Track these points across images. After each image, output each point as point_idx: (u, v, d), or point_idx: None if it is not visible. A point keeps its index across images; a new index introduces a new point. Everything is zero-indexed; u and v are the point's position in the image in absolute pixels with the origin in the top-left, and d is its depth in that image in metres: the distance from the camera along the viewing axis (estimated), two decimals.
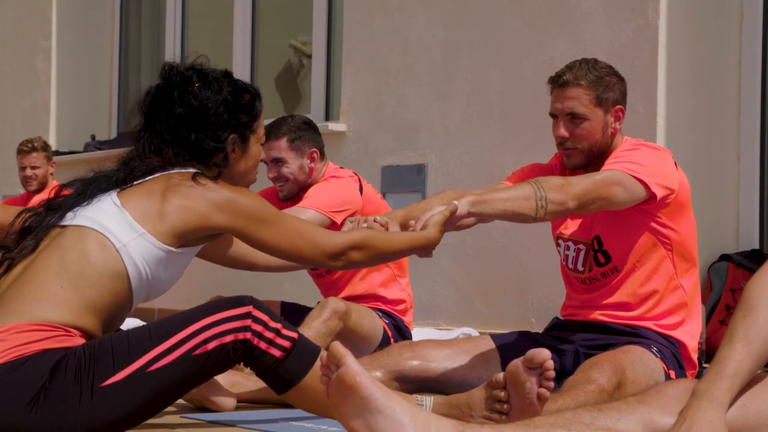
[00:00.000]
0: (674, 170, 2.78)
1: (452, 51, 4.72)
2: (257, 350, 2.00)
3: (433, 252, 2.50)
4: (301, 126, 3.75)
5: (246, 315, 2.00)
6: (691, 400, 1.76)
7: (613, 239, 2.82)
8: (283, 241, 2.19)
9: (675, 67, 3.98)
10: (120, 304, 2.08)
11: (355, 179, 3.69)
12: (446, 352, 2.86)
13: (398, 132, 4.95)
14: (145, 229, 2.07)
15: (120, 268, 2.06)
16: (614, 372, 2.54)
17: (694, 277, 2.87)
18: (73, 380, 1.93)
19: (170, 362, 1.96)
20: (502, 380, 2.12)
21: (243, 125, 2.25)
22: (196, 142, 2.19)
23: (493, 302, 4.48)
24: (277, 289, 5.38)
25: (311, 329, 3.27)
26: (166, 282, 2.16)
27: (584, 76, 2.80)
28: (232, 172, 2.26)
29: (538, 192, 2.51)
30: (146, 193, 2.12)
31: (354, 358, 1.77)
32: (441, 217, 2.44)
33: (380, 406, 1.72)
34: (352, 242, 2.27)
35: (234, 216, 2.14)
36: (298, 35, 6.15)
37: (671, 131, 3.96)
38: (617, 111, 2.83)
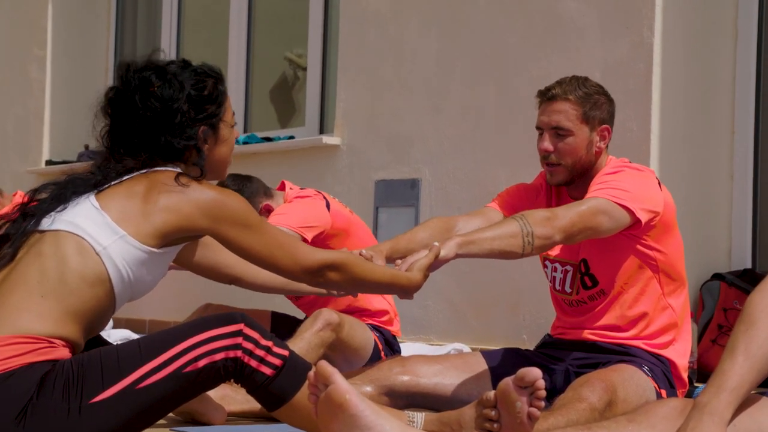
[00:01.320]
0: (658, 191, 2.78)
1: (447, 65, 4.73)
2: (248, 368, 1.99)
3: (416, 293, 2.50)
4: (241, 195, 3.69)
5: (237, 333, 1.99)
6: (692, 413, 1.76)
7: (599, 263, 2.82)
8: (263, 249, 2.15)
9: (669, 85, 3.98)
10: (102, 308, 2.05)
11: (320, 197, 3.67)
12: (436, 368, 2.86)
13: (392, 146, 4.95)
14: (126, 230, 2.03)
15: (101, 271, 2.02)
16: (605, 390, 2.53)
17: (683, 295, 2.87)
18: (61, 396, 1.91)
19: (160, 379, 1.94)
20: (493, 399, 2.12)
21: (211, 116, 2.20)
22: (165, 144, 2.15)
23: (485, 318, 4.47)
24: (267, 300, 5.36)
25: (303, 340, 3.26)
26: (149, 283, 2.14)
27: (573, 92, 2.81)
28: (208, 162, 2.21)
29: (524, 228, 2.52)
30: (127, 194, 2.08)
31: (342, 376, 1.76)
32: (426, 261, 2.45)
33: (369, 424, 1.72)
34: (331, 261, 2.24)
35: (218, 219, 2.10)
36: (293, 48, 6.16)
37: (665, 149, 3.97)
38: (603, 130, 2.84)
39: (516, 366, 2.80)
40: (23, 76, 7.05)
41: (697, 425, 1.73)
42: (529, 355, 2.94)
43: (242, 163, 5.68)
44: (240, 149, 5.63)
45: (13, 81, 7.15)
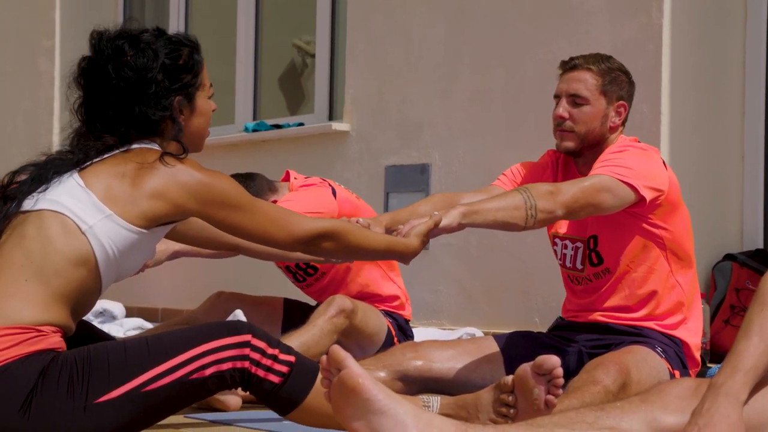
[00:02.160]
0: (663, 170, 2.77)
1: (455, 50, 4.72)
2: (255, 377, 1.98)
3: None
4: None
5: (245, 344, 1.98)
6: (707, 393, 1.76)
7: (606, 241, 2.81)
8: (256, 226, 2.14)
9: (679, 67, 3.97)
10: (88, 289, 2.02)
11: (326, 184, 3.67)
12: (449, 353, 2.86)
13: (401, 131, 4.94)
14: (112, 210, 1.99)
15: (87, 251, 1.98)
16: (619, 373, 2.53)
17: (691, 274, 2.86)
18: (66, 392, 1.90)
19: (167, 384, 1.94)
20: (511, 384, 2.13)
21: (186, 85, 2.15)
22: (140, 114, 2.09)
23: (497, 302, 4.48)
24: (280, 286, 5.38)
25: (316, 326, 3.27)
26: (137, 261, 2.10)
27: (595, 63, 2.83)
28: (186, 134, 2.17)
29: (528, 201, 2.52)
30: (113, 173, 2.03)
31: (354, 360, 1.77)
32: (424, 228, 2.43)
33: (383, 408, 1.72)
34: (325, 230, 2.22)
35: (207, 202, 2.07)
36: (301, 35, 6.15)
37: (675, 131, 3.95)
38: (620, 106, 2.84)
39: (529, 349, 2.82)
40: (32, 68, 7.06)
41: (712, 405, 1.73)
42: (542, 337, 2.94)
43: (252, 151, 5.69)
44: (250, 137, 5.64)
45: (22, 74, 7.16)
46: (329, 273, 3.63)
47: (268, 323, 3.73)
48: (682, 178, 3.96)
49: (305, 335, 3.24)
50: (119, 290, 6.37)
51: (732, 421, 1.72)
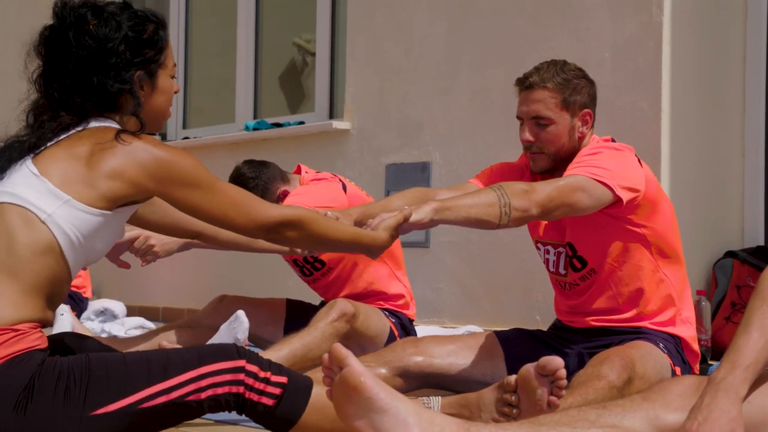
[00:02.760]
0: (638, 169, 2.72)
1: (456, 48, 4.72)
2: (249, 402, 1.97)
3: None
4: (255, 183, 3.67)
5: (239, 369, 1.96)
6: (707, 389, 1.76)
7: (586, 244, 2.78)
8: (216, 208, 2.06)
9: (679, 64, 3.97)
10: (58, 277, 1.98)
11: (336, 180, 3.68)
12: (450, 348, 2.85)
13: (402, 130, 4.95)
14: (70, 195, 1.94)
15: (50, 240, 1.93)
16: (624, 368, 2.52)
17: (680, 267, 2.83)
18: (62, 400, 1.88)
19: (163, 403, 1.92)
20: (514, 384, 2.12)
21: (149, 61, 2.08)
22: (99, 85, 2.02)
23: (498, 300, 4.48)
24: (281, 287, 5.38)
25: (317, 329, 3.27)
26: (106, 243, 2.05)
27: (551, 79, 2.75)
28: (145, 111, 2.09)
29: (502, 198, 2.47)
30: (68, 156, 1.97)
31: (356, 359, 1.77)
32: (393, 221, 2.37)
33: (385, 406, 1.72)
34: (288, 218, 2.14)
35: (165, 180, 2.00)
36: (301, 33, 6.15)
37: (675, 128, 3.96)
38: (585, 115, 2.79)
39: (530, 347, 2.82)
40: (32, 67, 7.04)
41: (712, 401, 1.73)
42: (543, 336, 2.94)
43: (253, 149, 5.68)
44: (250, 135, 5.64)
45: (22, 72, 7.14)
46: (336, 268, 3.64)
47: (271, 324, 3.74)
48: (682, 175, 3.98)
49: (307, 338, 3.24)
50: (120, 289, 6.38)
51: (732, 417, 1.72)
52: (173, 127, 6.63)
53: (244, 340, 3.14)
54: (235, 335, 3.15)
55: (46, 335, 1.98)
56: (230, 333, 3.16)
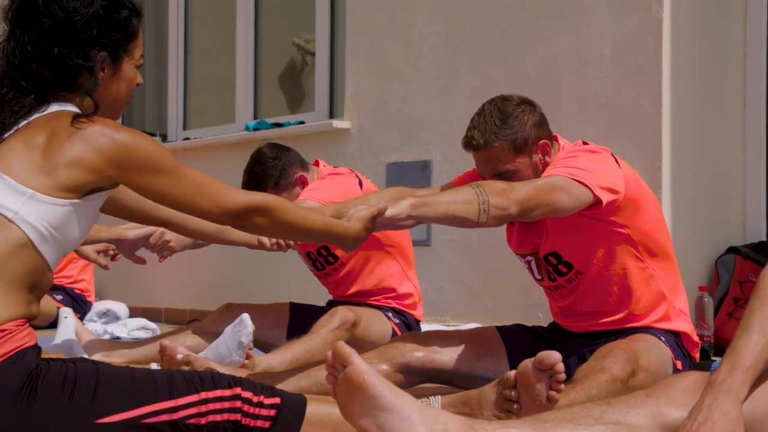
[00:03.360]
0: (617, 170, 2.68)
1: (455, 47, 4.72)
2: (246, 427, 1.96)
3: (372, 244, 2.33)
4: (274, 164, 3.68)
5: (236, 397, 1.96)
6: (707, 390, 1.75)
7: (571, 250, 2.76)
8: (181, 194, 2.00)
9: (680, 60, 3.97)
10: (37, 270, 1.94)
11: (353, 175, 3.69)
12: (452, 344, 2.84)
13: (402, 129, 4.94)
14: (33, 188, 1.89)
15: (20, 237, 1.89)
16: (628, 361, 2.52)
17: (667, 263, 2.80)
18: (68, 404, 1.87)
19: (165, 421, 1.91)
20: (513, 380, 2.12)
21: (115, 44, 2.04)
22: (59, 57, 1.98)
23: (500, 297, 4.48)
24: (284, 288, 5.38)
25: (320, 336, 3.28)
26: (82, 230, 2.00)
27: (493, 133, 2.68)
28: (103, 94, 2.04)
29: (480, 196, 2.44)
30: (25, 147, 1.92)
31: (360, 357, 1.77)
32: (367, 213, 2.32)
33: (389, 404, 1.72)
34: (256, 204, 2.08)
35: (126, 166, 1.94)
36: (301, 33, 6.15)
37: (676, 124, 3.95)
38: (541, 146, 2.73)
39: (532, 343, 2.81)
40: None
41: (712, 402, 1.73)
42: (544, 333, 2.93)
43: (254, 149, 5.68)
44: (251, 135, 5.63)
45: None
46: (348, 263, 3.64)
47: (276, 328, 3.74)
48: (683, 171, 3.98)
49: (309, 343, 3.26)
50: (123, 291, 6.38)
51: (732, 419, 1.71)
52: (173, 128, 6.63)
53: (248, 343, 3.14)
54: (239, 338, 3.14)
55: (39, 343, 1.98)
56: (234, 336, 3.16)
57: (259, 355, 3.18)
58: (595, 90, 4.15)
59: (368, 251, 3.61)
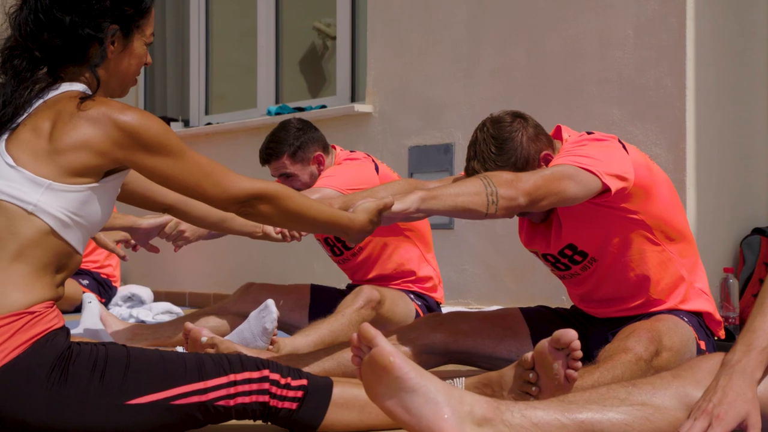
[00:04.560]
0: (625, 157, 2.65)
1: (476, 28, 4.70)
2: (273, 408, 1.99)
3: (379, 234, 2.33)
4: (297, 134, 3.69)
5: (264, 379, 1.99)
6: (722, 370, 1.75)
7: (585, 240, 2.73)
8: (188, 177, 2.00)
9: (703, 40, 3.94)
10: (63, 254, 1.96)
11: (370, 160, 3.68)
12: (474, 325, 2.83)
13: (424, 112, 4.93)
14: (49, 178, 1.90)
15: (42, 226, 1.91)
16: (651, 340, 2.50)
17: (685, 244, 2.77)
18: (98, 386, 1.90)
19: (194, 403, 1.94)
20: (531, 361, 2.12)
21: (127, 18, 2.03)
22: (71, 26, 1.98)
23: (523, 280, 4.47)
24: (307, 272, 5.39)
25: (344, 316, 3.29)
26: (104, 212, 2.01)
27: (492, 162, 2.64)
28: (111, 70, 2.05)
29: (488, 187, 2.42)
30: (32, 133, 1.93)
31: (385, 338, 1.77)
32: (373, 205, 2.33)
33: (415, 386, 1.72)
34: (262, 192, 2.07)
35: (132, 148, 1.94)
36: (321, 17, 6.14)
37: (700, 104, 3.93)
38: (544, 158, 2.69)
39: (555, 325, 2.80)
40: None
41: (727, 383, 1.72)
42: (567, 315, 2.93)
43: None
44: (272, 120, 5.64)
45: None
46: (366, 249, 3.65)
47: (297, 309, 3.75)
48: (708, 152, 3.95)
49: (334, 324, 3.26)
50: (147, 275, 6.41)
51: (747, 399, 1.71)
52: (195, 113, 6.65)
53: (273, 329, 3.15)
54: (264, 324, 3.16)
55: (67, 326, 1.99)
56: (259, 322, 3.17)
57: (284, 338, 3.20)
58: (618, 71, 4.12)
59: (386, 237, 3.62)
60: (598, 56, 4.20)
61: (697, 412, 1.72)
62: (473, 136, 2.70)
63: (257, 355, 2.63)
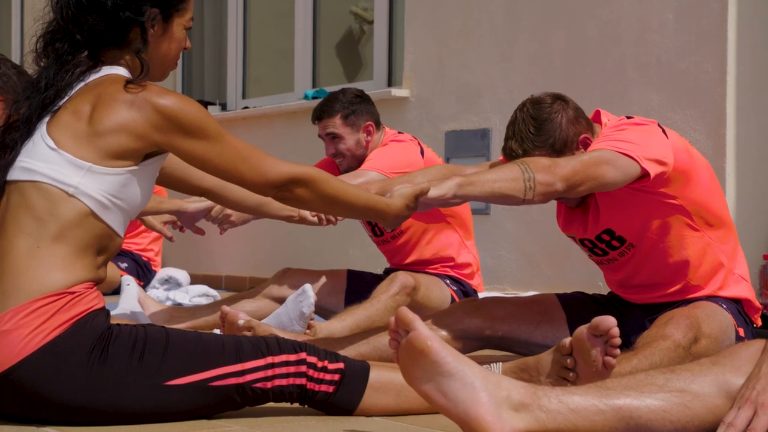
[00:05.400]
0: (665, 141, 2.62)
1: (514, 12, 4.67)
2: (310, 392, 2.00)
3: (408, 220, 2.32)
4: (354, 100, 3.74)
5: (301, 361, 2.00)
6: (764, 356, 1.74)
7: (624, 225, 2.71)
8: (225, 161, 2.01)
9: (745, 24, 3.89)
10: (104, 236, 1.98)
11: (416, 143, 3.69)
12: (510, 310, 2.83)
13: (461, 96, 4.92)
14: (89, 161, 1.93)
15: (82, 209, 1.93)
16: (690, 327, 2.49)
17: (725, 230, 2.74)
18: (138, 366, 1.91)
19: (232, 385, 1.95)
20: (569, 347, 2.11)
21: (168, 3, 2.05)
22: (112, 8, 1.99)
23: (559, 265, 4.45)
24: (343, 256, 5.41)
25: (380, 302, 3.30)
26: (143, 196, 2.03)
27: (531, 142, 2.62)
28: (151, 54, 2.06)
29: (525, 173, 2.41)
30: (73, 116, 1.95)
31: (422, 322, 1.77)
32: (410, 190, 2.32)
33: (452, 370, 1.72)
34: (300, 176, 2.07)
35: (171, 131, 1.96)
36: (358, 2, 6.13)
37: (741, 90, 3.88)
38: (582, 141, 2.66)
39: (592, 311, 2.79)
40: None
41: None
42: (604, 301, 2.91)
43: None
44: (309, 104, 5.64)
45: None
46: (407, 232, 3.65)
47: (333, 294, 3.77)
48: (748, 138, 3.91)
49: (370, 309, 3.28)
50: (184, 258, 6.46)
51: None
52: (233, 97, 6.67)
53: (310, 314, 3.17)
54: (301, 309, 3.17)
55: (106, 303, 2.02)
56: (296, 306, 3.19)
57: (320, 323, 3.21)
58: (658, 56, 4.09)
59: (427, 222, 3.62)
60: (637, 41, 4.16)
61: (740, 400, 1.70)
62: (512, 116, 2.69)
63: (294, 338, 2.65)
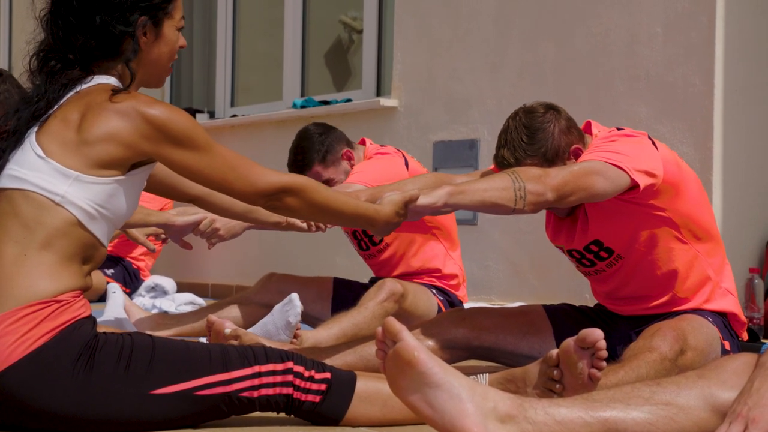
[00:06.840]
0: (654, 154, 2.63)
1: (504, 23, 4.68)
2: (297, 401, 2.00)
3: (400, 227, 2.31)
4: (319, 139, 3.69)
5: (288, 371, 1.99)
6: (756, 371, 1.74)
7: (612, 236, 2.72)
8: (214, 171, 2.01)
9: (732, 38, 3.91)
10: (89, 245, 1.98)
11: (400, 155, 3.68)
12: (497, 321, 2.83)
13: (450, 107, 4.93)
14: (77, 170, 1.93)
15: (68, 217, 1.93)
16: (676, 339, 2.50)
17: (713, 243, 2.75)
18: (123, 375, 1.91)
19: (218, 394, 1.95)
20: (555, 358, 2.12)
21: (155, 7, 2.05)
22: (101, 25, 1.99)
23: (547, 277, 4.46)
24: (329, 265, 5.40)
25: (367, 309, 3.29)
26: (129, 205, 2.03)
27: (522, 151, 2.63)
28: (145, 59, 2.06)
29: (516, 182, 2.42)
30: (62, 124, 1.95)
31: (410, 333, 1.77)
32: (399, 197, 2.33)
33: (439, 381, 1.72)
34: (289, 185, 2.08)
35: (160, 141, 1.95)
36: (348, 11, 6.14)
37: (728, 103, 3.90)
38: (574, 152, 2.68)
39: (578, 322, 2.80)
40: None
41: (762, 386, 1.71)
42: (590, 313, 2.92)
43: (301, 127, 5.71)
44: (298, 113, 5.65)
45: None
46: (392, 245, 3.65)
47: (319, 301, 3.76)
48: (735, 151, 3.93)
49: (357, 317, 3.27)
50: (170, 266, 6.44)
51: None
52: (221, 105, 6.66)
53: (296, 323, 3.16)
54: (287, 318, 3.17)
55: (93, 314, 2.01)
56: (283, 315, 3.19)
57: (307, 331, 3.20)
58: (646, 68, 4.10)
59: (413, 233, 3.62)
60: (626, 53, 4.17)
61: (732, 415, 1.70)
62: (505, 125, 2.70)
63: (280, 347, 2.64)
